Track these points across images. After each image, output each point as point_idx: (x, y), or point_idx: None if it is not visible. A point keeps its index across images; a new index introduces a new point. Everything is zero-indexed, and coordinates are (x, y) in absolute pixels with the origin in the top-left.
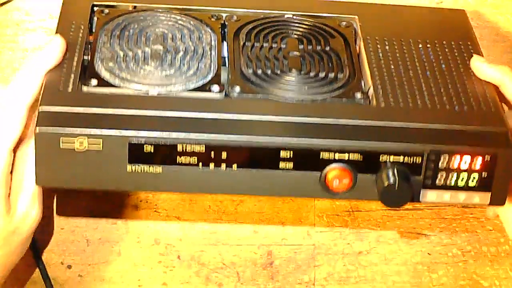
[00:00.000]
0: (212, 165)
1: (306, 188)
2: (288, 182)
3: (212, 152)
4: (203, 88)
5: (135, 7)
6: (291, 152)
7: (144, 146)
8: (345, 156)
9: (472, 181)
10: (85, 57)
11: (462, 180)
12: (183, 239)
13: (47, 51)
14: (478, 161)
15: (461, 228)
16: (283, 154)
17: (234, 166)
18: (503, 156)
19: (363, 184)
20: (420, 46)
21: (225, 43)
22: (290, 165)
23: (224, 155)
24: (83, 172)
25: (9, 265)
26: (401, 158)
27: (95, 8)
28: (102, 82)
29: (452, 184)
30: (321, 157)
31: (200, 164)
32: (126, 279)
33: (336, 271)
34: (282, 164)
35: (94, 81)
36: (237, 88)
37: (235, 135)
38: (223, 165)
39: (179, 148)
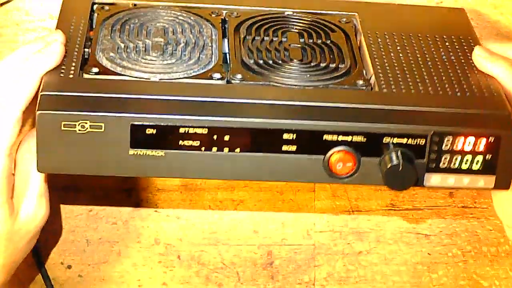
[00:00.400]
0: (214, 149)
1: (310, 172)
2: (291, 167)
3: (215, 135)
4: (205, 75)
5: (135, 4)
6: (294, 134)
7: (146, 128)
8: (349, 138)
9: (476, 164)
10: (86, 50)
11: (466, 163)
12: (183, 239)
13: (46, 54)
14: (482, 142)
15: (461, 228)
16: (286, 136)
17: (237, 150)
18: (507, 138)
19: (367, 168)
20: (421, 39)
21: (225, 39)
22: (293, 148)
23: (226, 138)
24: (85, 156)
25: (14, 264)
26: (404, 140)
27: (95, 6)
28: (104, 70)
29: (456, 166)
30: (324, 139)
31: (203, 148)
32: (126, 279)
33: (336, 271)
34: (285, 147)
35: (95, 69)
36: (239, 76)
37: (238, 117)
38: (226, 149)
39: (181, 130)
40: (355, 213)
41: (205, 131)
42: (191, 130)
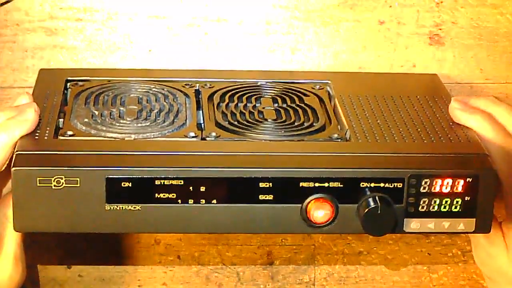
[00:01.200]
0: (191, 201)
1: (288, 222)
2: (269, 217)
3: (191, 187)
4: (179, 134)
5: (109, 81)
6: (271, 183)
7: (122, 182)
8: (325, 184)
9: (455, 206)
10: (60, 120)
11: (445, 207)
12: (183, 239)
13: (20, 121)
14: (460, 183)
15: None
16: (262, 185)
17: (214, 201)
18: (484, 177)
19: (345, 216)
20: (394, 99)
21: (199, 107)
22: (269, 197)
23: (202, 189)
24: (61, 213)
25: None
26: (381, 184)
27: (69, 83)
28: (78, 133)
29: (435, 210)
30: (301, 186)
31: (179, 200)
32: (126, 279)
33: (336, 271)
34: (262, 197)
35: (69, 132)
36: (213, 134)
37: (213, 168)
38: (202, 201)
39: (157, 183)
40: None
41: (180, 182)
42: (167, 182)
